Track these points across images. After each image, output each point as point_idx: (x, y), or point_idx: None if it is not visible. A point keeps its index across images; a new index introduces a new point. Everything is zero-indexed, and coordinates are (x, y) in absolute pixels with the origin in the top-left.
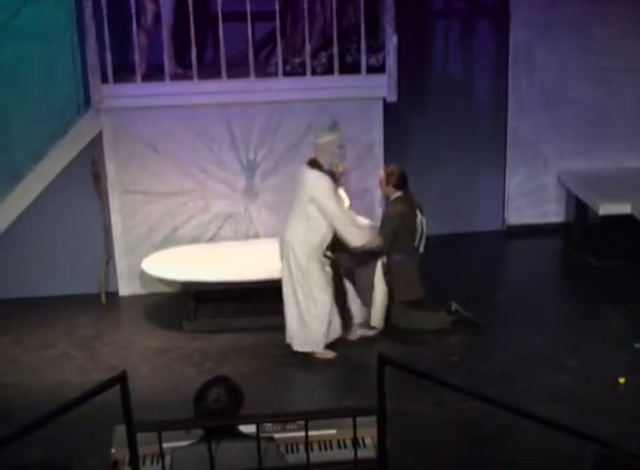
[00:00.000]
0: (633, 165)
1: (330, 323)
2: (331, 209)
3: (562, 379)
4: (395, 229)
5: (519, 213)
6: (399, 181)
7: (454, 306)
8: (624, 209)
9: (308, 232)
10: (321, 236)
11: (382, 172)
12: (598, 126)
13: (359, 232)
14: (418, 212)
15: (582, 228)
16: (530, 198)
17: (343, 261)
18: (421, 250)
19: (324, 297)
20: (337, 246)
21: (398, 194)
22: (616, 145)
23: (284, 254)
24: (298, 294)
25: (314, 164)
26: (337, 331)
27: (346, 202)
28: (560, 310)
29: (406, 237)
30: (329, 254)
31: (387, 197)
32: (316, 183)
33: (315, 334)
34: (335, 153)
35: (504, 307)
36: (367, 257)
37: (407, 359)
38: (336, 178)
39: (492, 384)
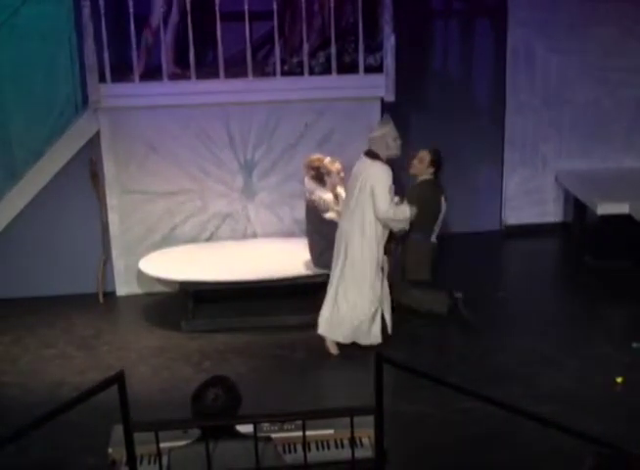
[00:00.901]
0: (632, 165)
1: (370, 322)
2: (386, 200)
3: (561, 379)
4: (420, 209)
5: (517, 213)
6: (440, 163)
7: (457, 295)
8: (622, 208)
9: (366, 223)
10: (380, 228)
11: (423, 154)
12: (597, 126)
13: (402, 211)
14: (442, 198)
15: (581, 228)
16: (529, 198)
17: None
18: (435, 236)
19: (370, 292)
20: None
21: (429, 176)
22: (614, 145)
23: (340, 242)
24: (343, 282)
25: (373, 155)
26: (377, 336)
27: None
28: (558, 310)
29: (428, 219)
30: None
31: (415, 176)
32: (380, 174)
33: (344, 324)
34: (390, 145)
35: (503, 307)
36: None
37: (406, 359)
38: (339, 177)
39: (492, 384)
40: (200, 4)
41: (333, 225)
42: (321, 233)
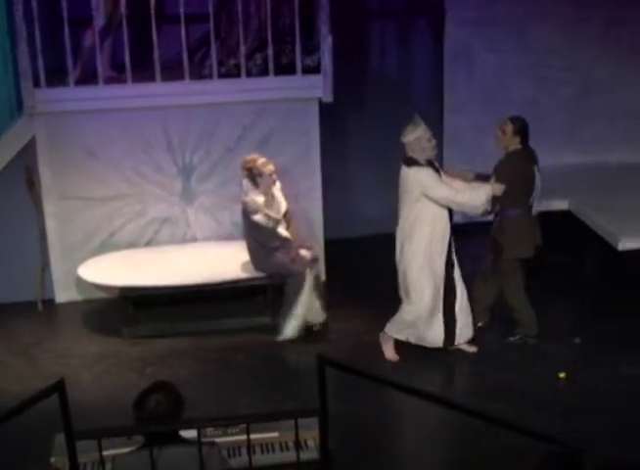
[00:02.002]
0: (571, 162)
1: (423, 325)
2: (445, 195)
3: (505, 376)
4: (511, 182)
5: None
6: (526, 130)
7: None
8: (562, 205)
9: (415, 228)
10: (428, 234)
11: (505, 124)
12: (536, 124)
13: (476, 195)
14: (535, 167)
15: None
16: None
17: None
18: (535, 205)
19: (419, 296)
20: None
21: (517, 147)
22: (553, 142)
23: (397, 247)
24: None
25: (409, 161)
26: (435, 340)
27: (283, 205)
28: (500, 306)
29: (522, 191)
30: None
31: (505, 149)
32: (420, 178)
33: (399, 322)
34: (425, 147)
35: None
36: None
37: (349, 360)
38: (271, 179)
39: (437, 383)
40: (136, 7)
41: (261, 228)
42: (252, 235)
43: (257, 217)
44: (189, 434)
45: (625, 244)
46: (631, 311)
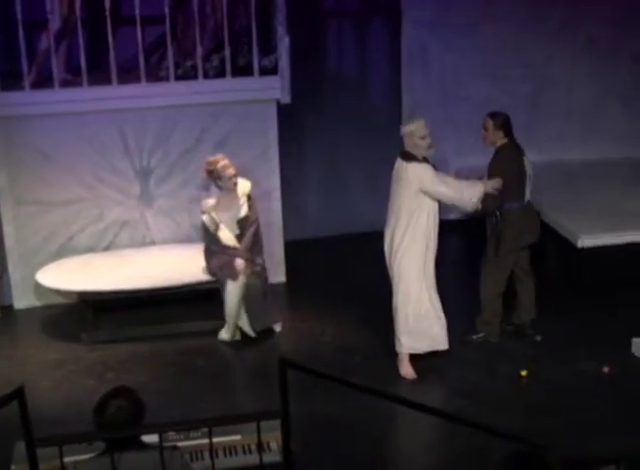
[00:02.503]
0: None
1: (423, 325)
2: (442, 191)
3: (466, 374)
4: (504, 176)
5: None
6: (508, 124)
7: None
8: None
9: (410, 226)
10: (423, 229)
11: (486, 121)
12: None
13: (470, 192)
14: (524, 158)
15: (479, 224)
16: None
17: None
18: (528, 196)
19: (415, 291)
20: None
21: (505, 140)
22: None
23: (388, 247)
24: (394, 285)
25: (407, 155)
26: (434, 342)
27: (242, 211)
28: (459, 304)
29: (517, 184)
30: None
31: (492, 144)
32: (419, 173)
33: (400, 330)
34: (417, 144)
35: None
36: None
37: (310, 360)
38: (231, 182)
39: (397, 383)
40: (91, 9)
41: (206, 229)
42: (201, 236)
43: (203, 218)
44: (150, 439)
45: (585, 241)
46: (590, 308)
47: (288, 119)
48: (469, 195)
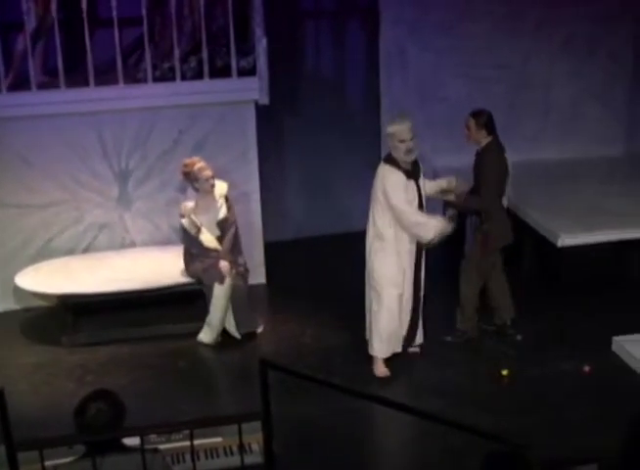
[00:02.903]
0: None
1: (393, 327)
2: (396, 204)
3: (446, 373)
4: (497, 175)
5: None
6: (491, 122)
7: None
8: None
9: (381, 227)
10: (391, 231)
11: (468, 120)
12: None
13: (428, 224)
14: (505, 156)
15: (457, 222)
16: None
17: None
18: (506, 193)
19: (387, 294)
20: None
21: (489, 139)
22: None
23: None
24: (368, 288)
25: (388, 158)
26: (406, 342)
27: (220, 213)
28: (440, 304)
29: (502, 182)
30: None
31: (477, 143)
32: (386, 177)
33: (376, 334)
34: (396, 146)
35: None
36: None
37: (291, 361)
38: (208, 184)
39: (377, 382)
40: (68, 10)
41: (186, 232)
42: (181, 239)
43: (183, 221)
44: (131, 441)
45: (565, 240)
46: (570, 307)
47: (266, 121)
48: (427, 229)
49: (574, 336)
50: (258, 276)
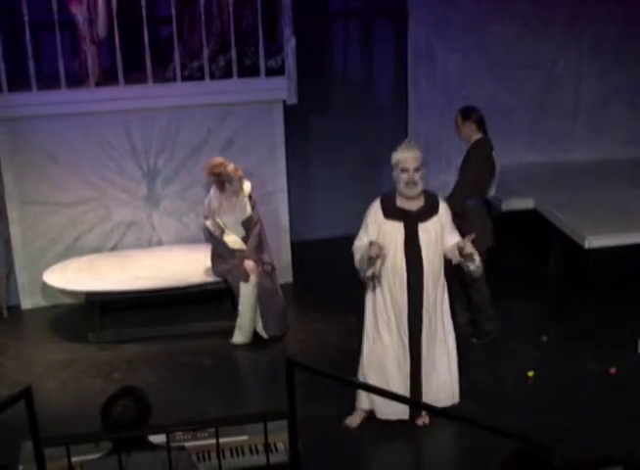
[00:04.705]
0: (534, 161)
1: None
2: (356, 241)
3: (473, 375)
4: (478, 173)
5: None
6: (481, 119)
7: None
8: (527, 204)
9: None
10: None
11: (456, 115)
12: (499, 123)
13: (363, 265)
14: (492, 152)
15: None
16: None
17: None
18: (493, 192)
19: (368, 325)
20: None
21: (479, 136)
22: (516, 141)
23: None
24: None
25: (390, 189)
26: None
27: (245, 213)
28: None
29: (487, 182)
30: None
31: (467, 139)
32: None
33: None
34: (398, 177)
35: None
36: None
37: (317, 362)
38: (232, 185)
39: None
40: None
41: (211, 234)
42: (206, 238)
43: (207, 223)
44: (158, 439)
45: (592, 242)
46: (596, 309)
47: (294, 121)
48: (364, 268)
49: (601, 337)
50: (286, 276)
